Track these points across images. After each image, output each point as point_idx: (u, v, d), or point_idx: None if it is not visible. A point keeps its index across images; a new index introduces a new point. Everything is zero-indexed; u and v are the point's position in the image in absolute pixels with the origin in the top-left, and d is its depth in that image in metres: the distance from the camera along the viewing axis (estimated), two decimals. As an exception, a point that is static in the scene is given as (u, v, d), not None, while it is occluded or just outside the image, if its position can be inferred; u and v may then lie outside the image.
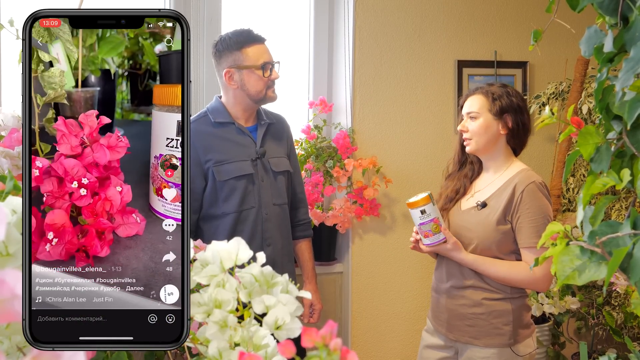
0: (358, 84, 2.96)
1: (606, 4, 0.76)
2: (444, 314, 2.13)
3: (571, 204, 3.05)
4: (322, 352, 0.51)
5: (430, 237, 2.03)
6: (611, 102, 0.78)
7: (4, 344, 0.58)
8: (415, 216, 2.03)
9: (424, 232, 2.03)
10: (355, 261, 3.00)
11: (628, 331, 3.03)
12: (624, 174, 0.75)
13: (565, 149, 3.02)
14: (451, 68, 3.09)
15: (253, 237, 2.18)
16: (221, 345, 0.62)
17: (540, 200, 2.00)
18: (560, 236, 0.79)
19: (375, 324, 3.06)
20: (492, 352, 2.04)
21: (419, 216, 2.02)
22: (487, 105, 2.08)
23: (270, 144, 2.29)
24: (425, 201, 2.01)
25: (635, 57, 0.70)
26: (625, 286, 2.63)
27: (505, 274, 2.01)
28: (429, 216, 2.01)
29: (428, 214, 2.01)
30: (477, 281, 2.06)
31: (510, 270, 2.01)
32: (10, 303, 0.51)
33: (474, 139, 2.08)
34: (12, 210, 0.60)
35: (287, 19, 3.01)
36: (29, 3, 2.26)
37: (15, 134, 0.91)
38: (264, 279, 0.66)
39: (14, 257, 0.57)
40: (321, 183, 2.84)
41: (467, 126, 2.10)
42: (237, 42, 2.17)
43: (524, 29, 3.16)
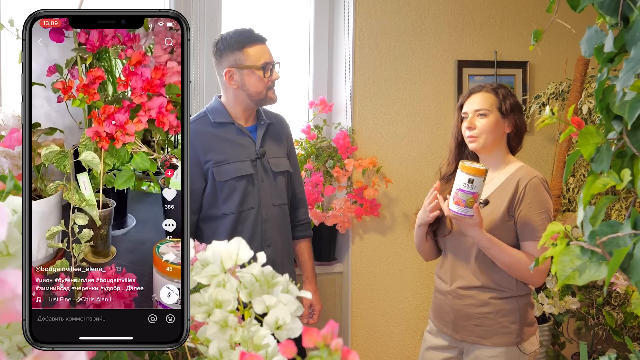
0: (358, 84, 2.96)
1: (607, 4, 0.76)
2: (450, 315, 2.13)
3: (571, 204, 3.05)
4: (323, 352, 0.51)
5: (459, 206, 1.92)
6: (611, 102, 0.78)
7: (5, 343, 0.58)
8: (460, 180, 1.92)
9: (458, 198, 1.92)
10: (355, 261, 3.00)
11: (628, 331, 3.03)
12: (625, 174, 0.75)
13: (565, 149, 3.01)
14: (451, 68, 3.09)
15: (253, 237, 2.18)
16: (222, 345, 0.62)
17: (542, 195, 2.02)
18: (560, 236, 0.78)
19: (375, 324, 3.06)
20: (500, 351, 2.04)
21: (464, 183, 1.90)
22: (496, 104, 2.09)
23: (270, 144, 2.29)
24: (480, 173, 1.90)
25: (635, 57, 0.70)
26: (625, 286, 2.63)
27: (516, 260, 1.98)
28: (473, 188, 1.90)
29: (474, 185, 1.90)
30: (485, 281, 2.06)
31: (521, 259, 1.99)
32: (11, 303, 0.51)
33: (482, 136, 2.08)
34: (13, 210, 0.60)
35: (287, 18, 3.01)
36: (29, 3, 2.26)
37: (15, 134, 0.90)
38: (265, 278, 0.66)
39: (14, 257, 0.57)
40: (321, 183, 2.84)
41: (475, 123, 2.09)
42: (238, 42, 2.17)
43: (524, 29, 3.17)
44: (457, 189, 1.92)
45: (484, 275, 2.06)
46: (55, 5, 0.63)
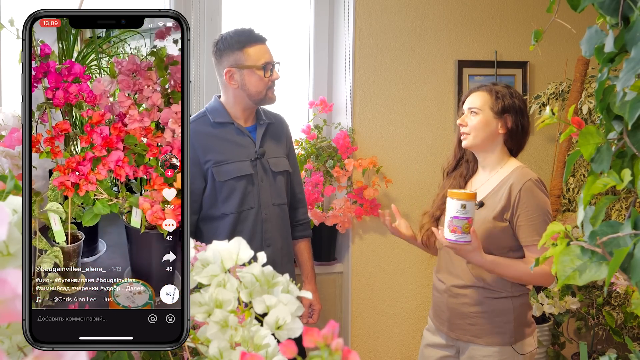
0: (358, 84, 2.96)
1: (607, 4, 0.76)
2: (445, 313, 2.13)
3: (571, 204, 3.05)
4: (324, 352, 0.51)
5: (457, 234, 1.91)
6: (612, 102, 0.78)
7: (5, 343, 0.58)
8: (453, 207, 1.91)
9: (453, 226, 1.91)
10: (355, 261, 3.00)
11: (628, 331, 3.03)
12: (625, 174, 0.75)
13: (565, 149, 3.01)
14: (451, 68, 3.09)
15: (253, 237, 2.18)
16: (222, 345, 0.62)
17: (538, 198, 2.01)
18: (560, 236, 0.78)
19: (375, 324, 3.06)
20: (494, 351, 2.04)
21: (457, 209, 1.90)
22: (489, 103, 2.09)
23: (270, 144, 2.29)
24: (471, 197, 1.90)
25: (636, 57, 0.70)
26: (625, 286, 2.63)
27: (522, 272, 1.98)
28: (467, 213, 1.90)
29: (467, 210, 1.90)
30: (480, 281, 2.06)
31: (528, 270, 1.97)
32: (11, 303, 0.51)
33: (471, 134, 2.09)
34: (13, 210, 0.60)
35: (287, 18, 3.01)
36: (29, 3, 2.26)
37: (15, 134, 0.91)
38: (265, 278, 0.66)
39: (14, 256, 0.57)
40: (321, 183, 2.84)
41: (466, 121, 2.10)
42: (238, 42, 2.17)
43: (524, 29, 3.16)
44: (451, 217, 1.91)
45: (479, 275, 2.07)
46: (55, 6, 0.63)
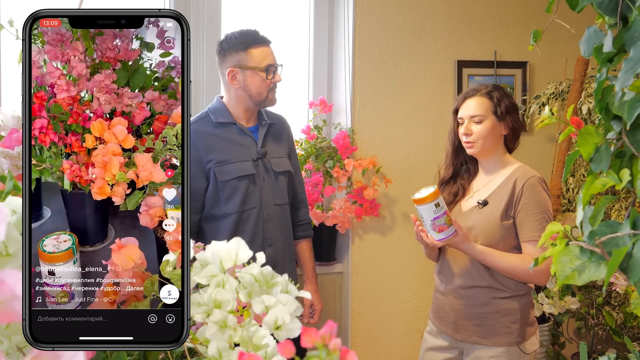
0: (358, 84, 2.96)
1: (606, 4, 0.76)
2: (451, 315, 2.13)
3: (571, 204, 3.05)
4: (322, 352, 0.51)
5: (444, 231, 1.94)
6: (611, 102, 0.78)
7: (4, 344, 0.58)
8: (428, 211, 1.93)
9: (438, 226, 1.93)
10: (355, 261, 3.00)
11: (628, 331, 3.03)
12: (624, 174, 0.75)
13: (565, 149, 3.02)
14: (451, 68, 3.09)
15: (254, 237, 2.18)
16: (221, 345, 0.62)
17: (540, 194, 2.02)
18: (560, 236, 0.79)
19: (375, 324, 3.06)
20: (501, 351, 2.04)
21: (434, 210, 1.91)
22: (491, 108, 2.09)
23: (271, 144, 2.29)
24: (437, 195, 1.92)
25: (634, 57, 0.70)
26: (625, 286, 2.62)
27: (513, 265, 2.00)
28: (442, 209, 1.92)
29: (442, 206, 1.92)
30: (485, 280, 2.06)
31: (518, 263, 2.00)
32: (10, 303, 0.51)
33: (479, 142, 2.08)
34: (12, 210, 0.60)
35: (287, 19, 3.01)
36: (29, 3, 2.26)
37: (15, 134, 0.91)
38: (264, 279, 0.66)
39: (14, 257, 0.57)
40: (321, 183, 2.84)
41: (471, 129, 2.09)
42: (243, 42, 2.17)
43: (524, 29, 3.17)
44: (431, 220, 1.94)
45: (484, 275, 2.07)
46: (55, 6, 0.63)
